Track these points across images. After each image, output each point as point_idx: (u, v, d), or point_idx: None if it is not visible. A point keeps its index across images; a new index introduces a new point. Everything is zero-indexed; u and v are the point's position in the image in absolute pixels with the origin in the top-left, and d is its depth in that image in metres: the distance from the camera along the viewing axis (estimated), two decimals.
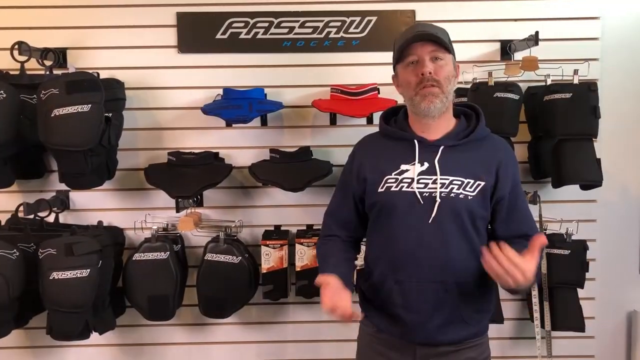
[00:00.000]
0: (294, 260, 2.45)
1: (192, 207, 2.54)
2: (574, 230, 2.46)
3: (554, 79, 2.42)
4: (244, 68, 2.55)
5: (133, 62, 2.53)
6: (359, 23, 2.54)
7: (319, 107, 2.42)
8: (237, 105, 2.36)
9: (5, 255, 2.15)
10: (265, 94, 2.48)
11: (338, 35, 2.54)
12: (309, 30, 2.54)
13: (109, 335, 2.48)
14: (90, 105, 2.14)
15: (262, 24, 2.53)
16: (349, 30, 2.53)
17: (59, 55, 2.43)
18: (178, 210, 2.43)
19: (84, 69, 2.43)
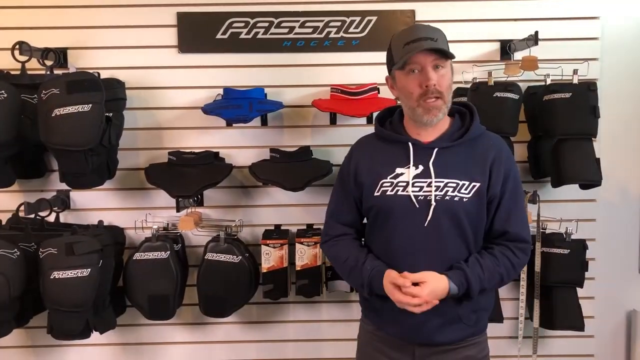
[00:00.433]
0: (294, 259, 2.45)
1: (193, 207, 2.54)
2: (573, 229, 2.46)
3: (553, 79, 2.42)
4: (244, 68, 2.55)
5: (133, 62, 2.53)
6: (359, 23, 2.54)
7: (319, 107, 2.43)
8: (238, 105, 2.37)
9: (6, 255, 2.15)
10: (266, 94, 2.49)
11: (338, 35, 2.54)
12: (309, 30, 2.54)
13: (109, 334, 2.48)
14: (90, 105, 2.14)
15: (262, 24, 2.53)
16: (349, 30, 2.54)
17: (59, 55, 2.43)
18: (178, 210, 2.43)
19: (85, 68, 2.43)
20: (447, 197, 1.64)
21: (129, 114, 2.50)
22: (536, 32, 2.32)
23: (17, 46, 2.29)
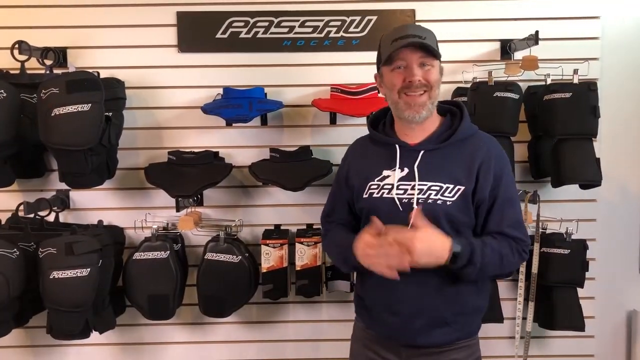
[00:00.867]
0: (294, 259, 2.45)
1: (192, 207, 2.54)
2: (573, 229, 2.45)
3: (553, 79, 2.42)
4: (244, 67, 2.55)
5: (133, 62, 2.53)
6: (359, 22, 2.54)
7: (319, 107, 2.43)
8: (237, 105, 2.36)
9: (5, 255, 2.14)
10: (265, 93, 2.49)
11: (338, 34, 2.54)
12: (309, 30, 2.54)
13: (109, 334, 2.48)
14: (90, 104, 2.14)
15: (262, 23, 2.53)
16: (349, 30, 2.53)
17: (59, 55, 2.43)
18: (178, 210, 2.43)
19: (84, 68, 2.42)
20: (430, 201, 1.62)
21: (129, 114, 2.50)
22: (536, 32, 2.32)
23: (17, 45, 2.29)
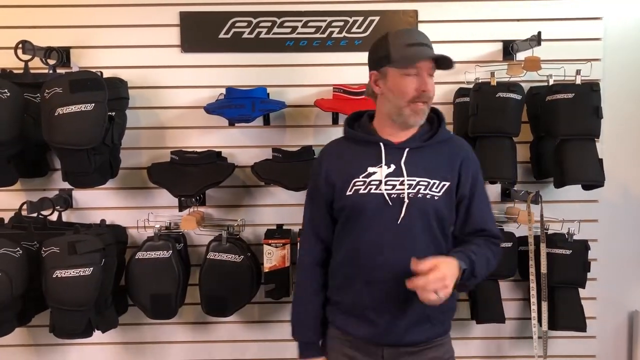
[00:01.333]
0: (296, 259, 2.44)
1: (195, 206, 2.54)
2: (575, 230, 2.46)
3: (556, 79, 2.42)
4: (246, 67, 2.55)
5: (136, 61, 2.54)
6: (362, 23, 2.54)
7: (321, 107, 2.43)
8: (240, 105, 2.37)
9: (8, 254, 2.15)
10: (268, 94, 2.49)
11: (341, 35, 2.54)
12: (311, 30, 2.54)
13: (111, 333, 2.49)
14: (93, 104, 2.15)
15: (265, 24, 2.54)
16: (351, 30, 2.54)
17: (62, 54, 2.44)
18: (181, 209, 2.44)
19: (87, 68, 2.43)
20: (420, 195, 1.65)
21: (132, 113, 2.50)
22: (539, 33, 2.32)
23: (20, 45, 2.29)
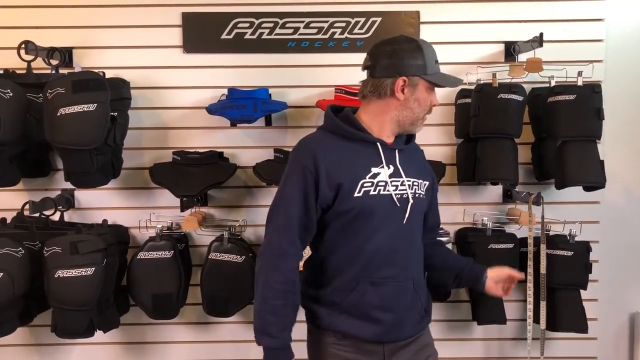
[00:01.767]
0: None
1: (197, 206, 2.55)
2: (577, 231, 2.46)
3: (558, 81, 2.42)
4: (248, 68, 2.56)
5: (138, 62, 2.54)
6: (364, 24, 2.54)
7: (323, 108, 2.43)
8: (242, 105, 2.38)
9: (10, 253, 2.16)
10: (270, 94, 2.49)
11: (343, 36, 2.54)
12: (313, 31, 2.55)
13: (113, 333, 2.49)
14: (96, 104, 2.15)
15: (267, 25, 2.54)
16: (353, 31, 2.54)
17: (64, 55, 2.44)
18: (183, 209, 2.44)
19: (90, 68, 2.44)
20: (417, 195, 1.73)
21: (134, 114, 2.51)
22: (541, 34, 2.32)
23: (23, 45, 2.30)
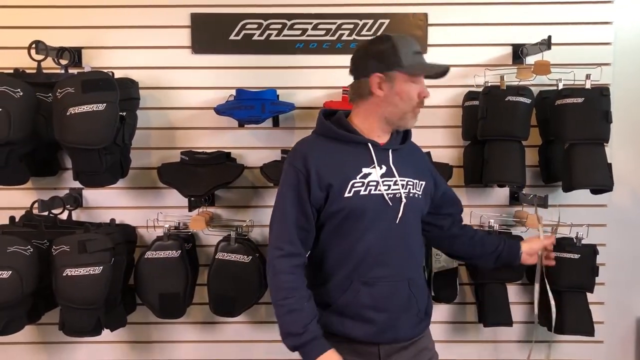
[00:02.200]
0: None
1: (204, 206, 2.56)
2: (584, 234, 2.45)
3: (565, 84, 2.42)
4: (256, 69, 2.57)
5: (147, 62, 2.56)
6: (372, 26, 2.55)
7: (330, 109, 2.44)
8: (250, 106, 2.38)
9: (19, 252, 2.18)
10: (278, 95, 2.50)
11: (351, 37, 2.55)
12: (321, 33, 2.55)
13: (119, 332, 2.51)
14: (105, 104, 2.16)
15: (276, 26, 2.55)
16: (361, 33, 2.54)
17: (74, 55, 2.46)
18: (190, 209, 2.45)
19: (99, 68, 2.44)
20: (411, 194, 1.72)
21: (142, 114, 2.52)
22: (549, 37, 2.32)
23: (34, 45, 2.32)
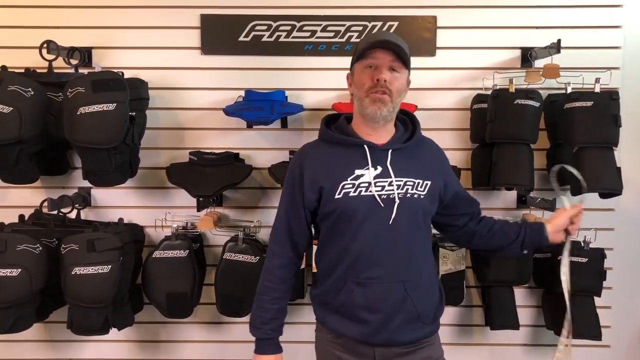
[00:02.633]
0: (310, 261, 2.45)
1: (212, 207, 2.56)
2: (591, 238, 2.45)
3: (574, 87, 2.41)
4: (265, 70, 2.58)
5: (157, 63, 2.57)
6: (381, 28, 2.56)
7: (339, 111, 2.44)
8: (259, 107, 2.39)
9: (28, 250, 2.19)
10: (286, 97, 2.51)
11: (359, 39, 2.55)
12: (330, 34, 2.56)
13: (127, 331, 2.52)
14: (115, 104, 2.18)
15: (285, 27, 2.56)
16: None
17: (84, 55, 2.48)
18: (199, 209, 2.46)
19: (109, 68, 2.46)
20: (408, 195, 1.69)
21: (151, 114, 2.54)
22: (559, 40, 2.32)
23: (45, 45, 2.34)
